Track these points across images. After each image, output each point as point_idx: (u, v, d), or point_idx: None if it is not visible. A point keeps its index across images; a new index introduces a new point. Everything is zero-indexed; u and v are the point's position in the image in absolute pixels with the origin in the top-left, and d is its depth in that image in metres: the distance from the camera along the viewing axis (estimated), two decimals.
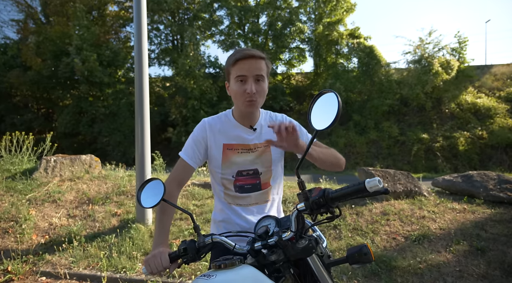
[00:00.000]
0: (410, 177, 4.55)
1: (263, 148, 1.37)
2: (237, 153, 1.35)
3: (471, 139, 16.14)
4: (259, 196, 1.39)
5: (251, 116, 1.36)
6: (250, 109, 1.29)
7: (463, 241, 3.37)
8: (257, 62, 1.25)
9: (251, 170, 1.37)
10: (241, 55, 1.24)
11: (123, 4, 22.33)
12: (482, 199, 4.16)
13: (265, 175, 1.38)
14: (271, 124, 1.13)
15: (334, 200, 0.95)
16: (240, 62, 1.24)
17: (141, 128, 3.91)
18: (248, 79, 1.24)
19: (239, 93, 1.26)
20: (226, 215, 1.39)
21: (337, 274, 3.06)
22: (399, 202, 4.18)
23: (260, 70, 1.26)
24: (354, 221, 3.85)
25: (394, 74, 19.04)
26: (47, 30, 17.84)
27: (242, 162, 1.35)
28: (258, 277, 0.96)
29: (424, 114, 18.09)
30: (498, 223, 3.64)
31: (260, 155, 1.37)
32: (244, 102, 1.27)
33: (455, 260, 3.12)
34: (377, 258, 3.19)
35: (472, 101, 18.02)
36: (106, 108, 17.55)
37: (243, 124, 1.37)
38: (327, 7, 19.51)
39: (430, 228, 3.62)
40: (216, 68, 19.38)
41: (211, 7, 20.89)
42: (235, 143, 1.35)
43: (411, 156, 16.04)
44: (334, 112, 0.93)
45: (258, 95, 1.26)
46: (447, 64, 17.66)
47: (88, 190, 4.56)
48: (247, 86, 1.24)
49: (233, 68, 1.27)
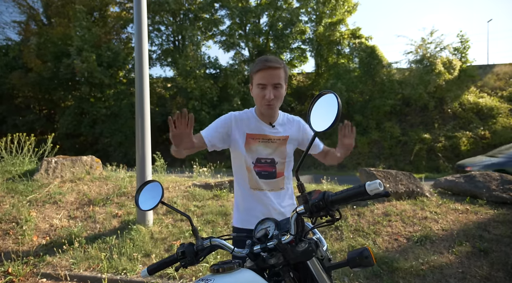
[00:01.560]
0: (412, 178, 4.52)
1: (281, 141, 1.58)
2: (258, 142, 1.56)
3: (473, 139, 16.07)
4: (274, 183, 1.58)
5: (270, 115, 1.57)
6: (268, 111, 1.52)
7: (465, 242, 3.34)
8: (275, 71, 1.45)
9: (269, 159, 1.57)
10: (261, 66, 1.46)
11: (125, 5, 22.37)
12: (484, 199, 4.13)
13: (280, 166, 1.59)
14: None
15: (334, 203, 0.93)
16: (261, 72, 1.46)
17: (142, 129, 3.90)
18: (268, 87, 1.46)
19: (259, 98, 1.49)
20: (248, 202, 1.57)
21: (339, 275, 3.04)
22: (401, 203, 4.15)
23: (278, 79, 1.46)
24: (355, 222, 3.83)
25: (395, 74, 18.98)
26: (48, 31, 17.87)
27: (262, 151, 1.57)
28: (257, 281, 0.94)
29: (426, 114, 18.02)
30: (501, 224, 3.61)
31: (277, 148, 1.58)
32: (263, 106, 1.50)
33: (458, 262, 3.09)
34: (378, 259, 3.17)
35: (474, 101, 17.95)
36: (108, 109, 17.57)
37: (263, 121, 1.58)
38: (327, 8, 19.47)
39: (432, 229, 3.59)
40: (217, 69, 19.37)
41: (212, 7, 20.90)
42: (257, 133, 1.56)
43: (412, 156, 15.97)
44: (334, 113, 0.91)
45: (275, 100, 1.48)
46: (449, 64, 17.58)
47: (89, 191, 4.55)
48: (266, 92, 1.46)
49: (255, 76, 1.49)
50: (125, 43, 22.33)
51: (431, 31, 18.60)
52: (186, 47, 18.55)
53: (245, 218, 1.57)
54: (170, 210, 4.21)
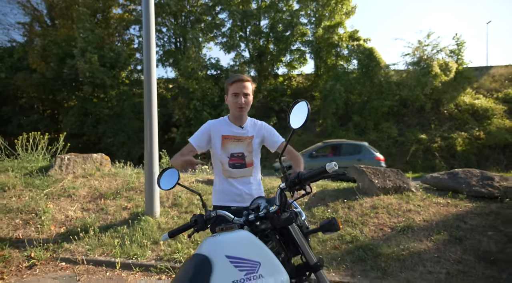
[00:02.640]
0: (399, 174, 4.87)
1: (248, 139, 2.02)
2: (231, 141, 2.00)
3: (468, 139, 16.41)
4: (245, 171, 2.01)
5: (241, 119, 2.02)
6: (240, 113, 1.98)
7: (443, 231, 3.69)
8: (246, 83, 1.95)
9: (240, 153, 2.01)
10: (235, 79, 1.95)
11: (127, 6, 22.74)
12: (465, 194, 4.48)
13: (249, 158, 2.02)
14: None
15: (306, 180, 1.28)
16: (235, 83, 1.94)
17: (150, 129, 4.25)
18: (240, 95, 1.93)
19: (233, 103, 1.96)
20: (223, 186, 2.01)
21: (328, 260, 3.38)
22: (388, 197, 4.50)
23: (248, 90, 1.96)
24: (345, 214, 4.18)
25: (393, 76, 19.34)
26: (52, 33, 18.23)
27: (234, 147, 2.00)
28: (251, 238, 1.29)
29: (423, 115, 18.36)
30: (478, 215, 3.96)
31: (245, 144, 2.01)
32: (236, 109, 1.96)
33: (435, 248, 3.44)
34: (364, 246, 3.52)
35: (470, 102, 18.30)
36: (110, 110, 17.93)
37: (235, 124, 2.03)
38: (326, 10, 19.83)
39: (415, 220, 3.94)
40: (218, 70, 19.71)
41: (213, 10, 21.27)
42: (230, 135, 2.00)
43: (409, 156, 16.30)
44: (305, 115, 1.26)
45: (245, 105, 1.95)
46: (445, 66, 17.93)
47: (100, 186, 4.91)
48: (238, 99, 1.93)
49: (231, 87, 1.96)
50: (128, 44, 22.73)
51: (428, 34, 18.96)
52: (188, 49, 18.90)
53: (220, 197, 2.00)
54: (175, 203, 4.57)
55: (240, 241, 1.26)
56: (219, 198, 2.01)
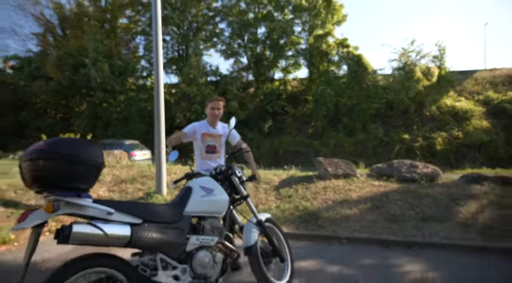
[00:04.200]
0: (349, 164, 6.36)
1: (218, 136, 3.45)
2: (208, 136, 3.41)
3: (448, 139, 17.78)
4: (214, 155, 3.44)
5: (215, 123, 3.44)
6: (214, 119, 3.42)
7: (369, 202, 5.16)
8: (219, 102, 3.40)
9: (213, 145, 3.44)
10: (214, 99, 3.42)
11: (133, 17, 24.39)
12: (395, 178, 5.94)
13: (218, 148, 3.46)
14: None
15: (233, 153, 2.80)
16: (213, 102, 3.40)
17: (158, 130, 5.75)
18: (215, 109, 3.37)
19: (211, 114, 3.39)
20: (202, 162, 3.43)
21: (284, 221, 4.85)
22: (337, 181, 5.98)
23: (220, 106, 3.40)
24: (303, 192, 5.66)
25: (380, 80, 20.77)
26: (65, 44, 19.86)
27: (210, 141, 3.42)
28: (211, 180, 2.77)
29: (407, 117, 19.76)
30: (398, 193, 5.42)
31: (216, 139, 3.44)
32: (212, 117, 3.39)
33: (359, 213, 4.92)
34: (311, 213, 4.98)
35: (451, 105, 19.67)
36: (119, 114, 19.49)
37: (211, 126, 3.44)
38: (317, 20, 21.32)
39: (351, 196, 5.42)
40: (217, 76, 21.24)
41: (213, 20, 22.86)
42: (207, 133, 3.41)
43: (392, 155, 17.69)
44: (234, 123, 2.77)
45: (218, 115, 3.39)
46: (427, 70, 19.36)
47: (120, 174, 6.42)
48: (215, 111, 3.37)
49: (210, 103, 3.42)
50: (133, 52, 24.38)
51: (411, 41, 20.39)
52: (190, 57, 20.45)
53: (200, 168, 3.30)
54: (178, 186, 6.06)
55: (207, 180, 2.75)
56: (200, 169, 3.39)
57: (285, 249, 3.05)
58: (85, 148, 1.97)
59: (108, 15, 23.15)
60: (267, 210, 5.13)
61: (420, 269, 3.34)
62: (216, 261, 2.47)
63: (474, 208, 4.74)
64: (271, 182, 6.18)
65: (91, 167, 1.96)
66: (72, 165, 1.89)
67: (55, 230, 1.93)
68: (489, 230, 4.18)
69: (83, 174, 1.96)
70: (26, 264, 1.85)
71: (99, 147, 2.10)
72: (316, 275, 3.25)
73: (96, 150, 2.04)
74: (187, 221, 2.41)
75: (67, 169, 1.88)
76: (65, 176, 1.89)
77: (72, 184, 1.94)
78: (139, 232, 2.08)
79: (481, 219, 4.48)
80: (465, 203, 4.88)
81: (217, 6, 23.22)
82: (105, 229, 1.93)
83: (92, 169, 1.97)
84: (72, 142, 2.01)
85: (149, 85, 22.55)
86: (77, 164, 1.90)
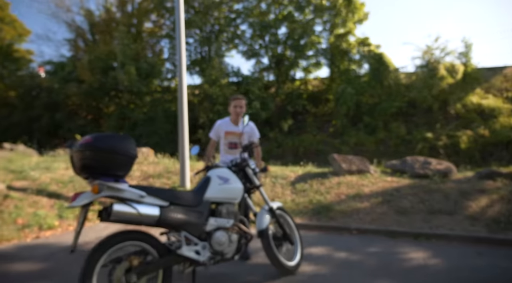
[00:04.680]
0: (363, 161, 6.58)
1: (240, 134, 3.72)
2: (230, 134, 3.76)
3: (473, 137, 17.37)
4: (236, 150, 3.71)
5: (237, 121, 3.77)
6: (238, 117, 3.76)
7: (380, 197, 5.39)
8: (241, 101, 3.77)
9: (235, 142, 3.76)
10: (236, 97, 3.82)
11: (158, 21, 25.32)
12: (408, 174, 6.12)
13: (239, 145, 3.68)
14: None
15: (246, 147, 3.17)
16: (235, 100, 3.77)
17: (182, 130, 6.21)
18: (237, 107, 3.72)
19: (234, 112, 3.75)
20: (224, 156, 3.80)
21: (298, 213, 5.18)
22: (351, 177, 6.23)
23: (242, 104, 3.75)
24: (317, 187, 5.96)
25: (403, 78, 20.54)
26: (95, 49, 20.99)
27: (232, 138, 3.78)
28: (228, 171, 3.15)
29: (431, 115, 19.41)
30: (409, 188, 5.62)
31: (238, 137, 3.73)
32: (235, 115, 3.76)
33: (370, 206, 5.17)
34: (322, 206, 5.29)
35: (477, 102, 19.17)
36: (145, 114, 20.38)
37: (233, 124, 3.79)
38: (338, 19, 21.36)
39: (364, 191, 5.66)
40: (239, 77, 21.74)
41: (234, 22, 23.39)
42: (230, 131, 3.77)
43: (415, 154, 17.48)
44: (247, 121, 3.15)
45: (241, 113, 3.72)
46: (452, 68, 18.97)
47: (148, 170, 6.96)
48: (237, 109, 3.72)
49: (233, 102, 3.79)
50: (158, 55, 25.32)
51: (436, 38, 20.03)
52: (212, 59, 21.07)
53: (223, 161, 3.58)
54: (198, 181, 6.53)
55: (223, 171, 3.13)
56: (222, 162, 3.74)
57: (295, 234, 3.39)
58: (122, 142, 2.40)
59: (134, 20, 24.18)
60: (283, 203, 5.46)
61: (422, 257, 3.58)
62: (232, 241, 2.85)
63: (484, 202, 4.88)
64: (288, 177, 6.51)
65: (127, 158, 2.39)
66: (112, 156, 2.32)
67: (98, 212, 2.37)
68: (496, 223, 4.34)
69: (121, 163, 2.38)
70: (77, 234, 2.29)
71: (133, 141, 2.52)
72: (323, 260, 3.57)
73: (131, 144, 2.47)
74: (206, 206, 2.80)
75: (108, 159, 2.32)
76: (107, 164, 2.33)
77: (112, 171, 2.36)
78: (166, 213, 2.48)
79: (489, 213, 4.62)
80: (475, 198, 5.01)
81: (238, 8, 23.74)
82: (138, 209, 2.34)
83: (128, 159, 2.40)
84: (113, 137, 2.46)
85: (173, 87, 23.36)
86: (116, 155, 2.33)
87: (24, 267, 3.41)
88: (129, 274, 2.32)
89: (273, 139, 19.78)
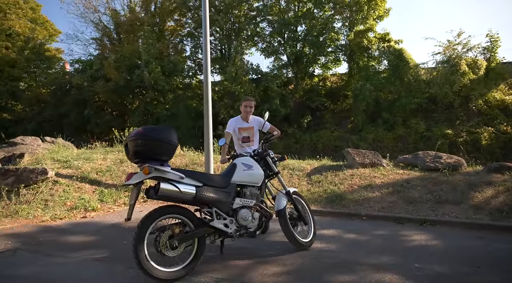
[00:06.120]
0: (376, 155, 6.94)
1: (251, 128, 4.44)
2: (243, 130, 4.41)
3: (495, 134, 17.17)
4: (249, 143, 4.40)
5: (247, 118, 4.42)
6: (248, 115, 4.42)
7: (391, 188, 5.76)
8: (251, 102, 4.45)
9: (247, 136, 4.41)
10: (246, 99, 4.49)
11: (179, 20, 26.08)
12: (419, 168, 6.44)
13: (251, 137, 4.43)
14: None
15: (267, 139, 3.67)
16: (246, 101, 4.44)
17: (207, 124, 6.76)
18: (247, 107, 4.39)
19: (244, 111, 4.42)
20: (239, 148, 4.35)
21: (314, 201, 5.63)
22: (364, 170, 6.61)
23: (252, 104, 4.44)
24: (332, 178, 6.38)
25: (423, 74, 20.41)
26: (121, 48, 21.96)
27: (244, 133, 4.43)
28: (251, 159, 3.66)
29: (452, 112, 19.23)
30: (420, 180, 5.95)
31: (249, 131, 4.41)
32: (245, 114, 4.41)
33: (380, 196, 5.55)
34: (336, 195, 5.70)
35: (501, 98, 18.85)
36: (168, 110, 21.21)
37: (244, 120, 4.43)
38: (358, 15, 21.39)
39: (376, 182, 6.04)
40: (258, 74, 22.19)
41: (254, 20, 23.82)
42: (242, 127, 4.42)
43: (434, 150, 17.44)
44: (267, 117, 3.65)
45: (250, 112, 4.41)
46: (474, 63, 18.73)
47: (175, 161, 7.56)
48: (247, 109, 4.39)
49: (244, 102, 4.46)
50: (180, 52, 26.11)
51: (458, 33, 19.79)
52: (232, 56, 21.61)
53: (238, 152, 4.21)
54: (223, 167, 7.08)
55: (247, 159, 3.64)
56: (238, 152, 4.30)
57: (309, 216, 3.86)
58: (167, 132, 2.94)
59: (157, 19, 25.02)
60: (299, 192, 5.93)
61: (424, 239, 3.98)
62: (254, 218, 3.36)
63: (489, 193, 5.17)
64: (304, 169, 6.95)
65: (171, 145, 2.93)
66: (159, 143, 2.87)
67: (145, 190, 2.93)
68: (499, 212, 4.65)
69: (166, 150, 2.93)
70: (131, 206, 2.85)
71: (175, 132, 3.06)
72: (334, 239, 4.02)
73: (174, 134, 3.02)
74: (233, 187, 3.32)
75: (155, 146, 2.86)
76: (154, 151, 2.87)
77: (158, 156, 2.91)
78: (201, 192, 3.01)
79: (493, 203, 4.92)
80: (482, 189, 5.31)
81: (258, 6, 24.13)
82: (180, 187, 2.88)
83: (171, 146, 2.94)
84: (159, 128, 3.01)
85: (194, 84, 24.10)
86: (162, 142, 2.87)
87: (78, 239, 4.05)
88: (171, 240, 2.87)
89: (291, 135, 20.17)
